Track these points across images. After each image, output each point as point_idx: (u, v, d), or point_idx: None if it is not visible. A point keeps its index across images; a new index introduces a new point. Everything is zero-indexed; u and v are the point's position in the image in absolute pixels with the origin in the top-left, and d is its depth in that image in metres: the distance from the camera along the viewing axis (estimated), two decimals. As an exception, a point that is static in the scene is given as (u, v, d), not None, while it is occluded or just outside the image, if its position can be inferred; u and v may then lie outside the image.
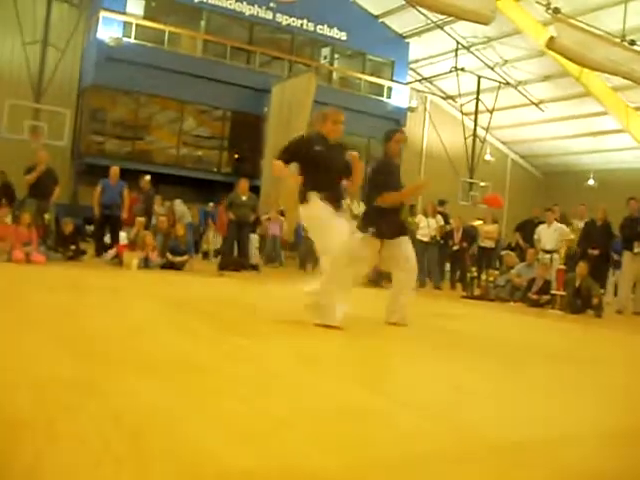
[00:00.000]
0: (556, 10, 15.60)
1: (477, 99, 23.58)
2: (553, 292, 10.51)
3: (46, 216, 11.45)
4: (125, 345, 3.70)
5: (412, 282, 5.93)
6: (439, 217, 13.41)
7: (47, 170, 11.35)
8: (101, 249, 11.82)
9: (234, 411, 2.45)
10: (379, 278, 10.81)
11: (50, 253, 10.15)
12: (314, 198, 5.15)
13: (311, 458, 1.99)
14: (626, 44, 15.71)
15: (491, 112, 23.66)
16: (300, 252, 14.53)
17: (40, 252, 9.79)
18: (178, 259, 10.87)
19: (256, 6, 21.52)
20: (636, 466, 2.37)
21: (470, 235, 13.91)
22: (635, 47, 15.97)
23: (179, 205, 16.48)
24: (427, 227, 13.05)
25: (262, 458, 1.94)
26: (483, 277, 12.19)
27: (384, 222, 5.57)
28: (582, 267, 10.17)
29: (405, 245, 5.73)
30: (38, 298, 5.63)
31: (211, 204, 16.85)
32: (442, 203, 14.59)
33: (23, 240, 9.65)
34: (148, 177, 14.37)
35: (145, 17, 20.03)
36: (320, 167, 5.15)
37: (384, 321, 5.72)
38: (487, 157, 24.90)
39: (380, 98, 23.52)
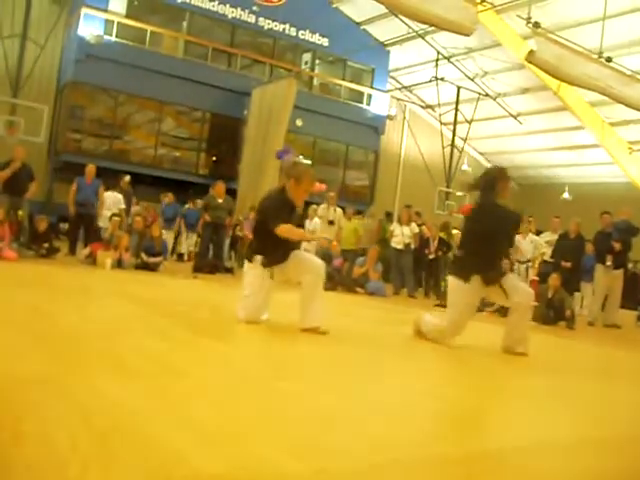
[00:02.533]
0: (536, 24, 15.77)
1: (456, 109, 23.73)
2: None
3: (20, 213, 11.30)
4: (96, 345, 3.66)
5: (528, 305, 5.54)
6: (413, 225, 13.44)
7: (23, 166, 11.20)
8: (75, 248, 11.71)
9: (204, 414, 2.44)
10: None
11: (23, 250, 10.02)
12: None
13: (279, 463, 1.98)
14: (603, 61, 15.94)
15: (470, 123, 23.83)
16: None
17: (12, 249, 9.67)
18: (152, 260, 10.79)
19: (239, 9, 21.52)
20: (604, 474, 2.39)
21: (446, 244, 13.99)
22: (612, 64, 16.21)
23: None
24: (401, 235, 13.09)
25: (230, 462, 1.94)
26: (457, 286, 12.21)
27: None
28: (555, 278, 10.25)
29: (510, 282, 5.41)
30: (7, 295, 5.56)
31: (186, 206, 16.79)
32: (417, 215, 14.66)
33: (-5, 236, 9.53)
34: (128, 177, 14.31)
35: (127, 16, 19.90)
36: None
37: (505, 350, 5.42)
38: (464, 167, 25.04)
39: (360, 105, 23.60)
